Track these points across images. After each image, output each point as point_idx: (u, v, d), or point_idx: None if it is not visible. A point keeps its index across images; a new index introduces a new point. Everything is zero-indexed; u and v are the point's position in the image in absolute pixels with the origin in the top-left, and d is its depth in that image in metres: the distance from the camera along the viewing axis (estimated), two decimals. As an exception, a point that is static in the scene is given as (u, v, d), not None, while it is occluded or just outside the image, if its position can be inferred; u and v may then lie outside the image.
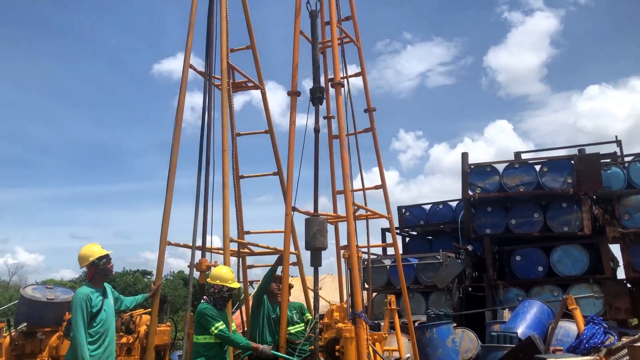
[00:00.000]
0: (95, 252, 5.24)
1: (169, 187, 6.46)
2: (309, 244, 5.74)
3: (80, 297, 4.99)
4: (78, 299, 4.98)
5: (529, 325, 9.34)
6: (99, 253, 5.24)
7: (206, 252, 6.41)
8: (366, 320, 5.72)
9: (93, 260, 5.19)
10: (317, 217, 5.88)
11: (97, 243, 5.39)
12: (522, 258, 11.96)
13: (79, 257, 5.27)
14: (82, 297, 4.99)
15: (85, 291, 5.06)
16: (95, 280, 5.24)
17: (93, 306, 5.03)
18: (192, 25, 6.88)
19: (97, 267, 5.21)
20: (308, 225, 5.75)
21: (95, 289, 5.18)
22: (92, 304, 5.03)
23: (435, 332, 9.03)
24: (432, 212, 14.53)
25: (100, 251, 5.26)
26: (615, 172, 11.84)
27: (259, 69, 7.82)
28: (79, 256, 5.27)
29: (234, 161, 7.46)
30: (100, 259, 5.22)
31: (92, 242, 5.39)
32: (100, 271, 5.24)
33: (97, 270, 5.22)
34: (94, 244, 5.36)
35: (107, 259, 5.28)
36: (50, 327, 7.12)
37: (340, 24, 7.39)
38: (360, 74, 7.67)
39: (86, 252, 5.25)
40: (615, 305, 10.78)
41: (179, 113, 6.69)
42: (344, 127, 6.48)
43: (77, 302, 4.96)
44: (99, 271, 5.23)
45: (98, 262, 5.21)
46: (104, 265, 5.26)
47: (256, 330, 6.35)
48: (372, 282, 12.38)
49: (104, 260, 5.25)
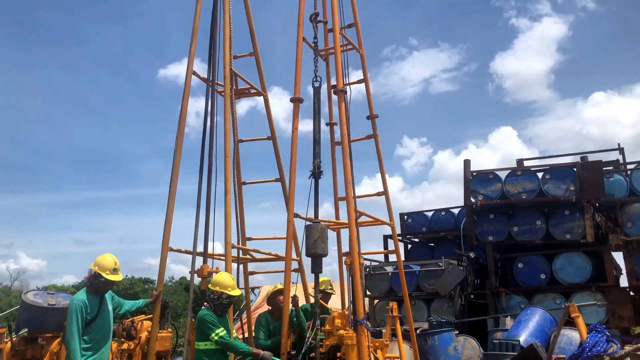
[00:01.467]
0: (104, 267, 5.18)
1: (171, 193, 6.47)
2: (309, 251, 5.74)
3: (77, 303, 4.98)
4: (74, 305, 4.97)
5: (531, 333, 9.29)
6: (103, 271, 5.16)
7: (208, 258, 6.42)
8: (368, 327, 5.71)
9: (96, 272, 5.17)
10: (318, 223, 5.89)
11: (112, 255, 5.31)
12: (524, 265, 11.91)
13: (95, 260, 5.25)
14: (78, 303, 4.99)
15: (81, 297, 5.06)
16: (93, 288, 5.24)
17: (89, 313, 5.02)
18: (196, 32, 6.93)
19: (95, 279, 5.19)
20: (308, 232, 5.76)
21: (93, 295, 5.18)
22: (88, 310, 5.02)
23: (437, 339, 8.99)
24: (435, 219, 14.50)
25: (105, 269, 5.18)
26: (618, 180, 11.81)
27: (261, 75, 7.86)
28: (96, 260, 5.25)
29: (236, 167, 7.47)
30: (100, 277, 5.16)
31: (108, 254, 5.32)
32: (94, 284, 5.22)
33: (93, 281, 5.21)
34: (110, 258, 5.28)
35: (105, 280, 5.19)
36: (51, 332, 7.10)
37: (343, 31, 7.42)
38: (363, 80, 7.70)
39: (101, 261, 5.22)
40: (618, 314, 10.72)
41: (182, 119, 6.71)
42: (347, 133, 6.50)
43: (72, 308, 4.96)
44: (94, 283, 5.22)
45: (98, 277, 5.18)
46: (100, 283, 5.20)
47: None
48: (374, 289, 12.36)
49: (102, 280, 5.17)
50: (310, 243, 5.71)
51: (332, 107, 7.93)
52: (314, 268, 5.88)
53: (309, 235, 5.74)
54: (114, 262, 5.29)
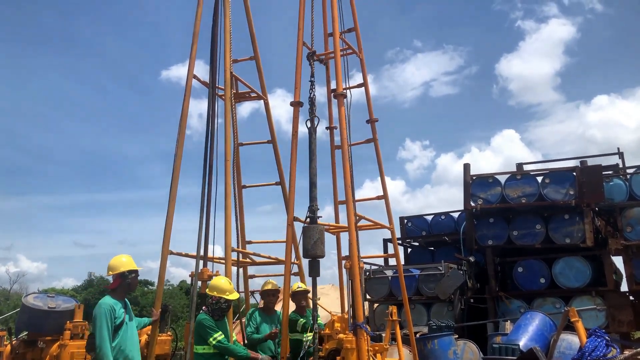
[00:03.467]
0: (126, 264, 5.13)
1: (172, 196, 6.49)
2: (307, 252, 5.73)
3: (105, 307, 4.83)
4: (102, 309, 4.80)
5: (531, 338, 9.27)
6: (130, 266, 5.13)
7: (208, 262, 6.42)
8: (367, 331, 5.72)
9: (124, 272, 5.08)
10: (316, 225, 5.87)
11: (128, 255, 5.28)
12: (524, 270, 11.92)
13: (109, 265, 5.15)
14: (106, 307, 4.83)
15: (109, 302, 4.91)
16: (118, 292, 5.10)
17: (116, 317, 4.88)
18: (196, 36, 6.97)
19: (125, 279, 5.09)
20: (305, 234, 5.74)
21: (118, 300, 5.05)
22: (116, 315, 4.88)
23: (437, 343, 8.98)
24: (434, 223, 14.50)
25: (131, 264, 5.16)
26: (618, 184, 11.82)
27: (262, 79, 7.90)
28: (110, 264, 5.15)
29: (236, 171, 7.49)
30: (130, 272, 5.11)
31: (125, 254, 5.28)
32: (126, 284, 5.12)
33: (123, 282, 5.09)
34: (124, 255, 5.24)
35: (136, 274, 5.18)
36: (51, 335, 7.10)
37: (343, 35, 7.45)
38: (363, 84, 7.73)
39: (118, 261, 5.14)
40: (618, 318, 10.71)
41: (182, 123, 6.74)
42: (347, 137, 6.51)
43: (101, 312, 4.79)
44: (125, 284, 5.10)
45: (127, 275, 5.10)
46: (132, 279, 5.15)
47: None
48: (374, 292, 12.37)
49: (132, 275, 5.14)
50: (309, 245, 5.69)
51: (332, 110, 7.96)
52: (311, 271, 5.88)
53: (307, 237, 5.72)
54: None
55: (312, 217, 5.92)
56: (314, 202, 5.96)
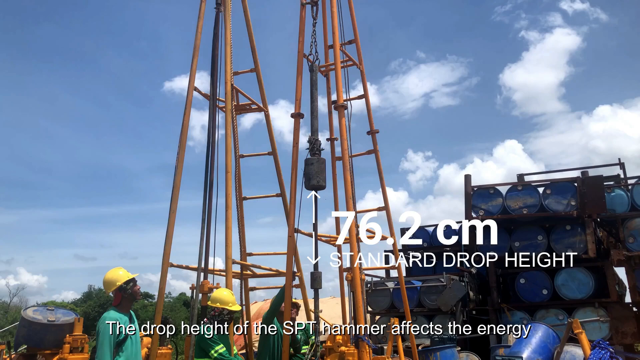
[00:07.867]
0: (121, 276, 5.09)
1: (172, 209, 6.48)
2: (309, 183, 5.76)
3: (107, 322, 4.79)
4: (105, 324, 4.77)
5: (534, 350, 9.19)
6: (126, 277, 5.09)
7: (208, 274, 6.39)
8: (369, 343, 5.67)
9: (120, 284, 5.03)
10: (317, 156, 5.91)
11: (121, 267, 5.24)
12: (526, 281, 11.85)
13: (104, 283, 5.11)
14: (109, 322, 4.80)
15: (112, 316, 4.88)
16: (123, 305, 5.06)
17: (120, 332, 4.84)
18: (197, 49, 7.00)
19: (125, 291, 5.05)
20: (308, 164, 5.80)
21: (123, 314, 5.00)
22: (119, 330, 4.84)
23: (439, 356, 8.92)
24: (436, 234, 14.46)
25: (126, 275, 5.12)
26: (619, 195, 11.80)
27: (262, 91, 7.92)
28: (104, 281, 5.11)
29: (237, 182, 7.49)
30: (128, 283, 5.07)
31: (116, 267, 5.23)
32: (128, 295, 5.08)
33: (124, 294, 5.05)
34: (118, 268, 5.20)
35: (133, 282, 5.13)
36: (50, 349, 7.03)
37: (343, 47, 7.49)
38: (364, 96, 7.75)
39: (112, 276, 5.09)
40: (622, 330, 10.63)
41: (183, 137, 6.75)
42: (347, 148, 6.52)
43: (104, 327, 4.76)
44: (127, 296, 5.06)
45: (126, 287, 5.05)
46: (132, 288, 5.10)
47: (266, 352, 6.32)
48: (375, 304, 12.29)
49: (131, 284, 5.09)
50: (312, 173, 5.70)
51: (333, 122, 7.97)
52: (313, 283, 5.85)
53: (309, 167, 5.76)
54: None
55: (313, 148, 5.97)
56: (315, 134, 6.04)
